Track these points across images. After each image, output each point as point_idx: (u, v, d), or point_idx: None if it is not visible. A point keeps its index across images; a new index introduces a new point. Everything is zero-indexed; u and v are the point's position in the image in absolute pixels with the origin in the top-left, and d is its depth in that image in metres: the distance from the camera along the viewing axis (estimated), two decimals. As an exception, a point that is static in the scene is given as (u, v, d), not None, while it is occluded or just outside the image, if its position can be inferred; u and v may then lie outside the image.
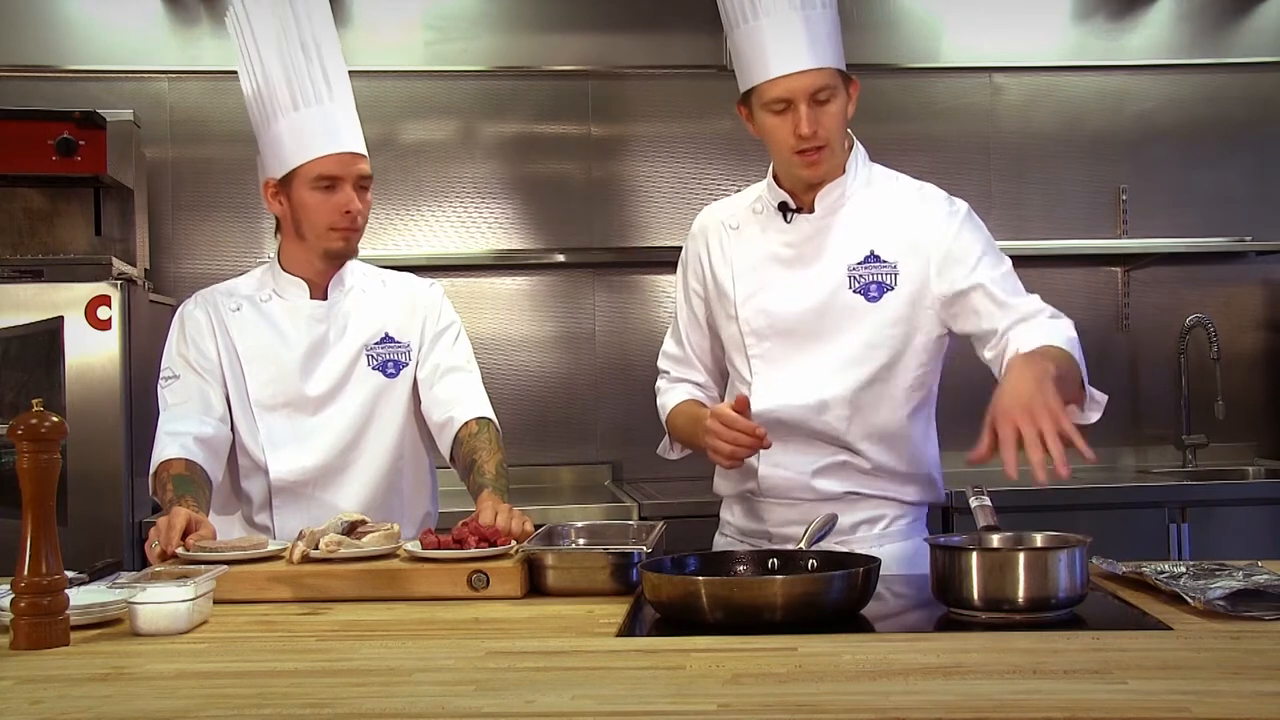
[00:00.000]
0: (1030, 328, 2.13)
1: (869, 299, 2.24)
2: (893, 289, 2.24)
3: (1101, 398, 2.09)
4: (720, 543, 2.46)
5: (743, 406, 2.15)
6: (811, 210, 2.29)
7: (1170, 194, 4.32)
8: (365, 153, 2.42)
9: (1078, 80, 4.34)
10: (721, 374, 2.46)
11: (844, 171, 2.28)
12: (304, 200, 2.38)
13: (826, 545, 2.06)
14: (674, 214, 4.21)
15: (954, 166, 4.27)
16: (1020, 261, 4.26)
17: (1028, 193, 4.31)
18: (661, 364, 2.51)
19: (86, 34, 4.12)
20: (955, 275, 2.22)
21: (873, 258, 2.24)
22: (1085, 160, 4.33)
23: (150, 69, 4.13)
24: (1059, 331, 2.11)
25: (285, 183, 2.39)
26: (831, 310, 2.26)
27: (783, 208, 2.30)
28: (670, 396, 2.46)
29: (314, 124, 2.37)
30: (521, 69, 4.23)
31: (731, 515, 2.44)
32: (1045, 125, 4.34)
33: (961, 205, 2.30)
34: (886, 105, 4.26)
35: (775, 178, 2.32)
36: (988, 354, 2.21)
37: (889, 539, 2.31)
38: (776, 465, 2.29)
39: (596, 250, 4.20)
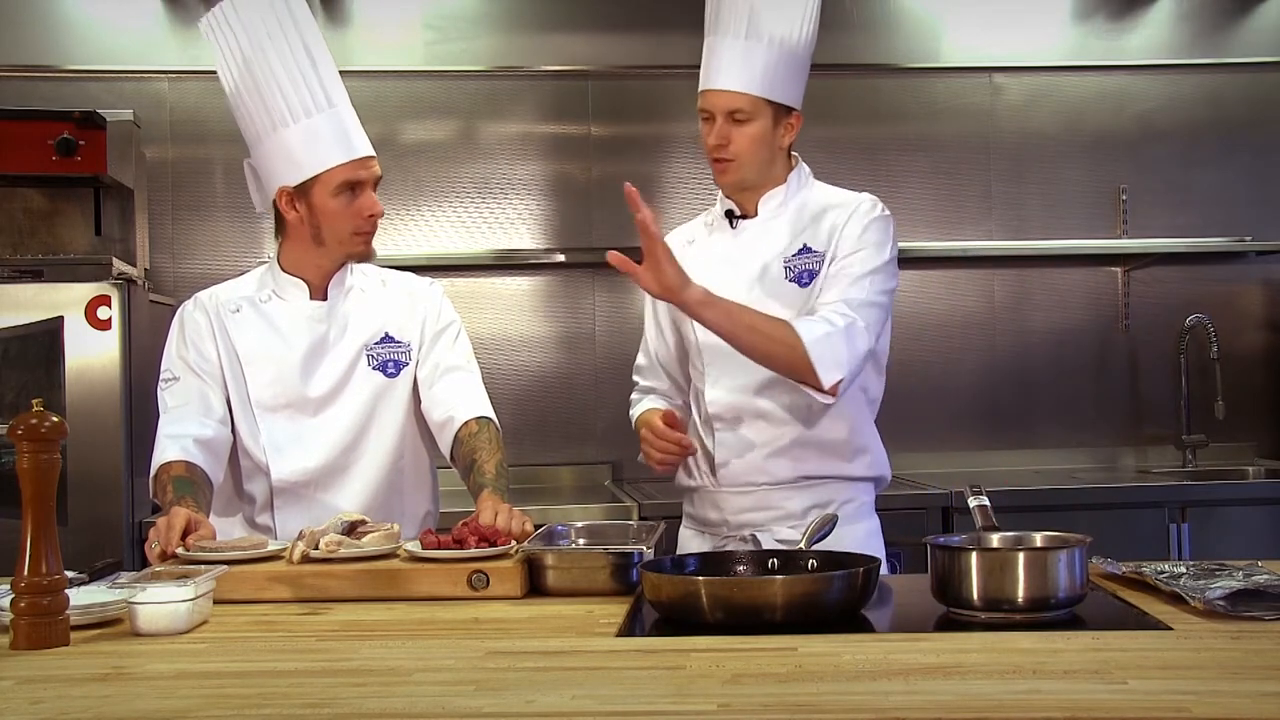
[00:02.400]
0: (805, 317, 2.32)
1: (801, 285, 2.43)
2: (819, 274, 2.42)
3: (835, 377, 2.27)
4: (685, 536, 2.58)
5: (670, 420, 2.39)
6: (756, 215, 2.50)
7: (1170, 194, 4.32)
8: (375, 153, 2.43)
9: (1078, 80, 4.34)
10: (685, 379, 2.61)
11: (785, 182, 2.49)
12: (326, 207, 2.38)
13: (789, 536, 2.15)
14: (674, 214, 4.20)
15: (954, 166, 4.28)
16: (1020, 261, 4.33)
17: (1028, 193, 4.31)
18: (634, 375, 2.71)
19: (86, 34, 4.13)
20: (835, 252, 2.41)
21: (805, 250, 2.45)
22: (1085, 160, 4.33)
23: (150, 69, 4.13)
24: (815, 324, 2.28)
25: (302, 190, 2.38)
26: (769, 297, 2.42)
27: (729, 215, 2.52)
28: (639, 407, 2.64)
29: (328, 130, 2.36)
30: (521, 69, 4.24)
31: (692, 507, 2.58)
32: (1045, 125, 4.34)
33: (880, 209, 2.45)
34: (886, 105, 4.26)
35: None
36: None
37: (840, 522, 2.32)
38: (731, 449, 2.44)
39: (596, 250, 4.19)
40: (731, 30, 2.39)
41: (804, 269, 2.42)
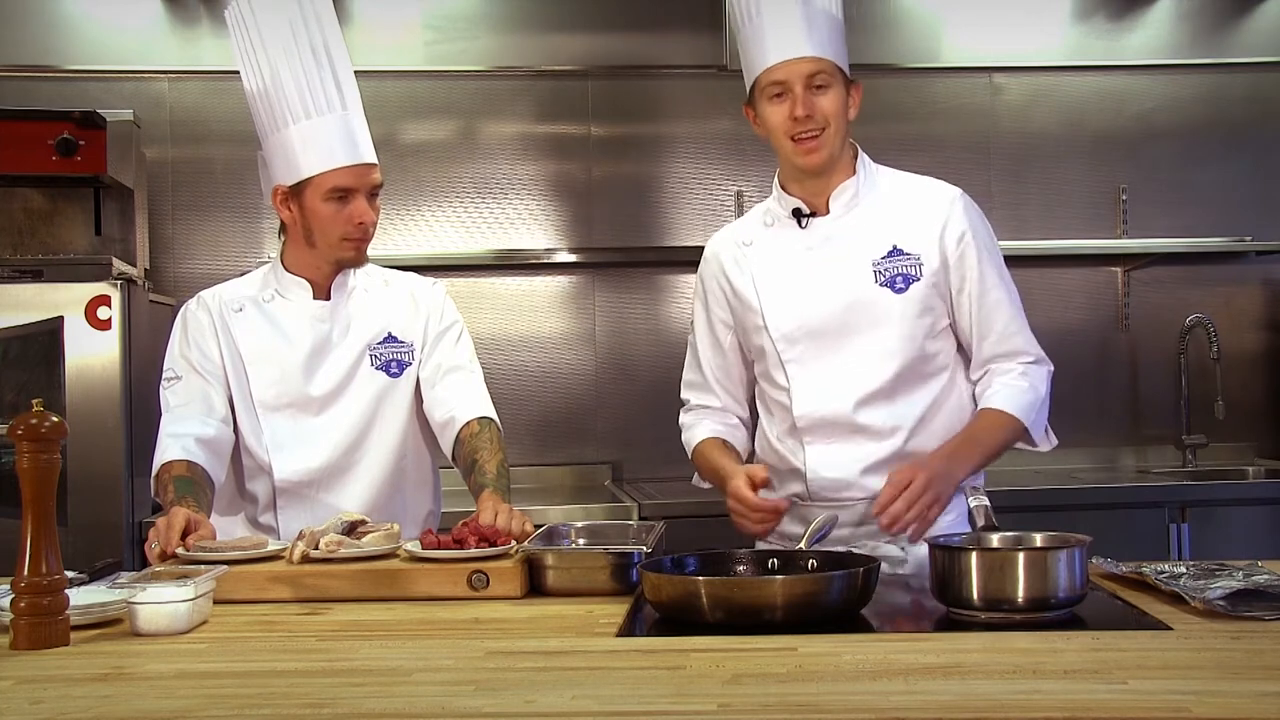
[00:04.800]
0: (1003, 384, 2.31)
1: (896, 290, 2.29)
2: (919, 279, 2.29)
3: (1054, 440, 2.39)
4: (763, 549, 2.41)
5: (761, 483, 2.23)
6: (826, 213, 2.34)
7: (1170, 194, 4.32)
8: (377, 161, 2.42)
9: (1078, 80, 4.34)
10: (745, 393, 2.49)
11: (854, 173, 2.35)
12: (317, 210, 2.38)
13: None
14: (674, 214, 4.21)
15: (954, 166, 4.27)
16: (1020, 261, 4.32)
17: (1028, 193, 4.31)
18: (683, 393, 2.53)
19: (86, 34, 4.12)
20: (964, 273, 2.31)
21: (896, 251, 2.30)
22: (1085, 160, 4.32)
23: (150, 69, 4.13)
24: (1021, 396, 2.30)
25: (296, 190, 2.38)
26: (860, 305, 2.29)
27: (796, 214, 2.35)
28: (694, 433, 2.47)
29: (328, 134, 2.36)
30: (521, 69, 4.23)
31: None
32: (1045, 125, 4.33)
33: (972, 205, 2.38)
34: (886, 105, 4.26)
35: (783, 186, 2.38)
36: (973, 374, 2.37)
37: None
38: (824, 466, 2.31)
39: (596, 250, 4.20)
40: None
41: (897, 273, 2.28)
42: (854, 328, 2.30)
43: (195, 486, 2.27)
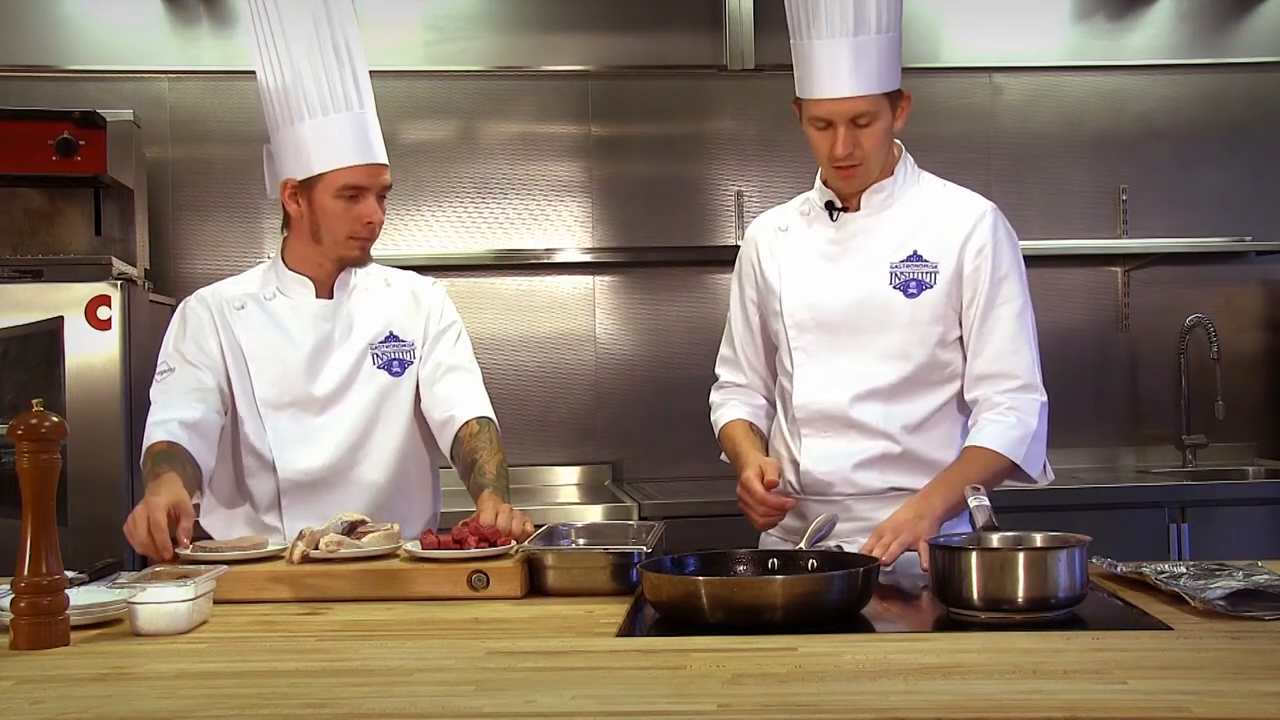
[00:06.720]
0: (988, 420, 2.27)
1: (908, 295, 2.30)
2: (932, 287, 2.30)
3: (1051, 475, 2.34)
4: (768, 543, 2.43)
5: (771, 483, 2.25)
6: (858, 209, 2.36)
7: (1170, 194, 4.32)
8: (388, 163, 2.42)
9: (1078, 80, 4.34)
10: (771, 374, 2.51)
11: (892, 174, 2.36)
12: (326, 206, 2.38)
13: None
14: (674, 214, 4.20)
15: (954, 166, 4.20)
16: (1020, 262, 4.31)
17: (1028, 193, 4.30)
18: (716, 368, 2.57)
19: (86, 34, 4.13)
20: (976, 286, 2.30)
21: (915, 257, 2.31)
22: (1085, 160, 4.33)
23: (150, 69, 4.13)
24: (1008, 432, 2.25)
25: (306, 185, 2.38)
26: (871, 305, 2.31)
27: (829, 206, 2.37)
28: (722, 413, 2.52)
29: (343, 131, 2.36)
30: (521, 69, 4.24)
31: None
32: (1045, 125, 4.34)
33: (1004, 225, 2.36)
34: (886, 105, 4.25)
35: (823, 179, 2.40)
36: (966, 393, 2.34)
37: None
38: (817, 459, 2.33)
39: (597, 250, 4.20)
40: (838, 29, 2.20)
41: (912, 278, 2.29)
42: (863, 325, 2.32)
43: (175, 460, 2.23)
